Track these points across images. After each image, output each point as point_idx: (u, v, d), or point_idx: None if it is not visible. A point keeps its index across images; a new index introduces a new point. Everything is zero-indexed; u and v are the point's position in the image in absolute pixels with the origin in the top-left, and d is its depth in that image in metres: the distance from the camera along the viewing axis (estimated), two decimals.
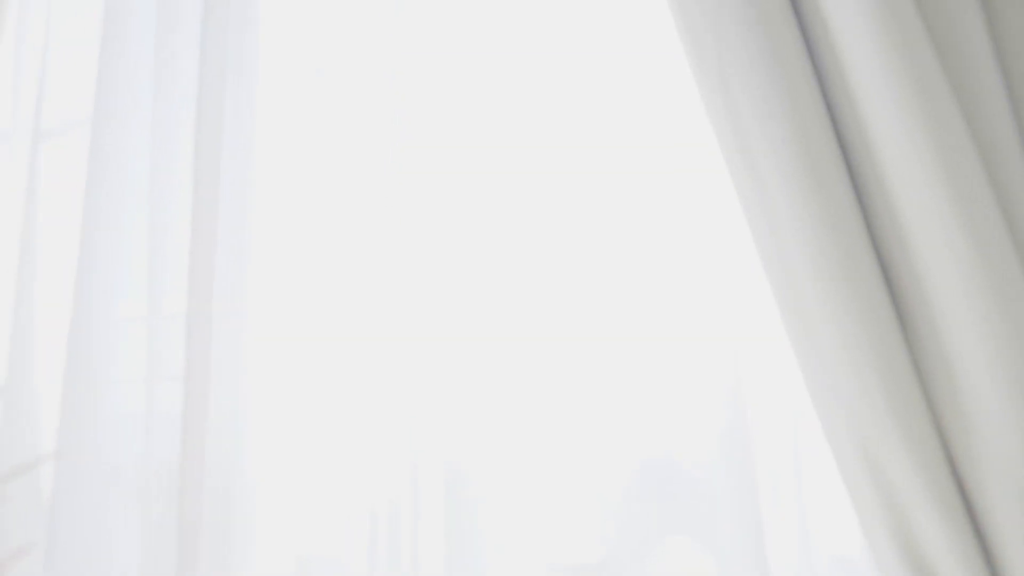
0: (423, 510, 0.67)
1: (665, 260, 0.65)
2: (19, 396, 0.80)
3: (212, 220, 0.77)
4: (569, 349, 0.67)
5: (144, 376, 0.76)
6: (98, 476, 0.75)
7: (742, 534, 0.61)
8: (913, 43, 0.46)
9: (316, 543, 0.69)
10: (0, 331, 0.84)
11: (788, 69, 0.50)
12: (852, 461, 0.51)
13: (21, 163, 0.91)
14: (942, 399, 0.46)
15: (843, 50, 0.49)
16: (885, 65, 0.46)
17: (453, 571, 0.66)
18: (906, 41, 0.46)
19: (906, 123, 0.47)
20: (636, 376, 0.66)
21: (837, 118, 0.53)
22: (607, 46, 0.69)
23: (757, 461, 0.64)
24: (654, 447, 0.67)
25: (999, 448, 0.43)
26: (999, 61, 0.49)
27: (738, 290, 0.62)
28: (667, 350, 0.65)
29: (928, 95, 0.47)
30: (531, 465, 0.67)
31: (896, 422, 0.48)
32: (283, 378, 0.72)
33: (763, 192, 0.53)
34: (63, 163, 0.90)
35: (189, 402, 0.71)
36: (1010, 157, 0.46)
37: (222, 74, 0.82)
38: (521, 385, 0.68)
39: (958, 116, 0.46)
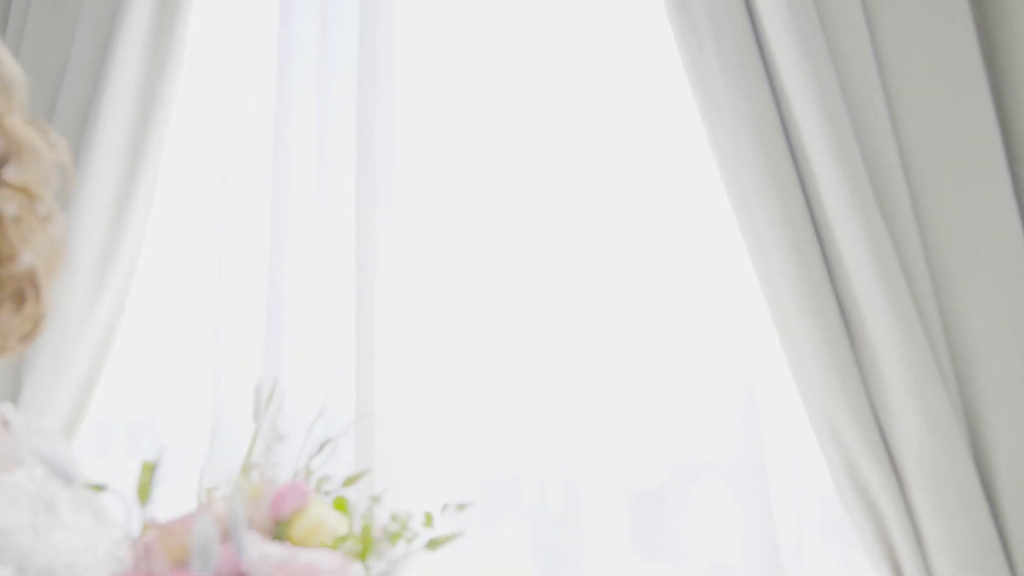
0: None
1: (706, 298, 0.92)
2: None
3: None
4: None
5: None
6: None
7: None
8: (859, 174, 0.73)
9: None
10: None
11: (783, 175, 0.77)
12: (823, 431, 0.78)
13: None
14: (874, 390, 0.73)
15: (815, 168, 0.76)
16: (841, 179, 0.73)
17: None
18: (854, 175, 0.73)
19: (849, 206, 0.73)
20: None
21: (808, 196, 0.80)
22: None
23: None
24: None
25: (906, 422, 0.70)
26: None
27: (753, 321, 0.88)
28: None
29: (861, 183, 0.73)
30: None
31: (849, 406, 0.74)
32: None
33: (762, 251, 0.80)
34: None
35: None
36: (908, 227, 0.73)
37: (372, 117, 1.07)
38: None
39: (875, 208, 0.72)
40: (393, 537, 0.38)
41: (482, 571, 0.96)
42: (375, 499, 0.44)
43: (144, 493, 0.43)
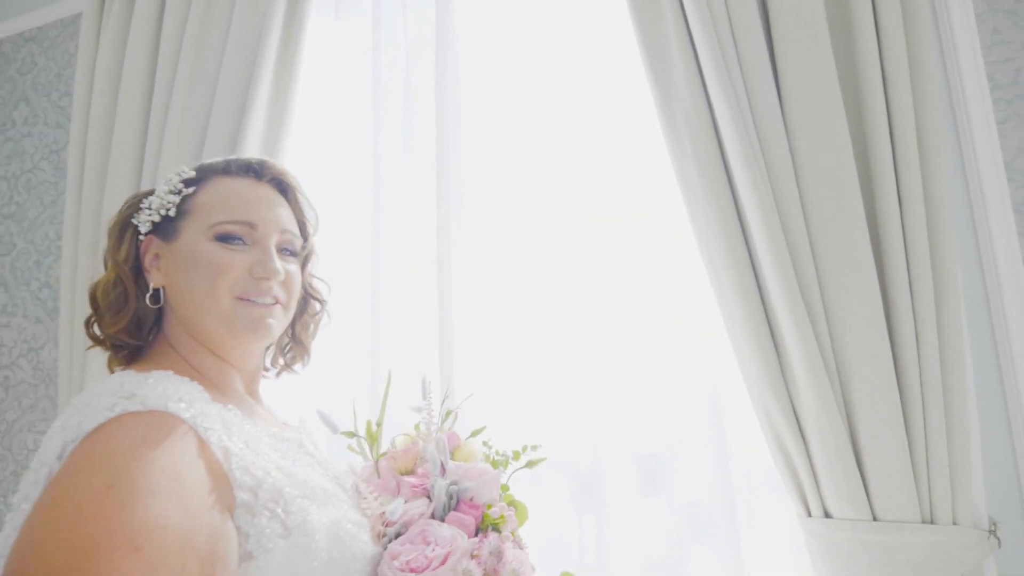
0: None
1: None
2: None
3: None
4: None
5: None
6: None
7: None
8: (777, 232, 1.10)
9: None
10: None
11: (733, 233, 1.14)
12: (760, 412, 1.16)
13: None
14: (788, 381, 1.10)
15: (751, 229, 1.13)
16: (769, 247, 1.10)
17: None
18: (775, 241, 1.10)
19: (771, 252, 1.10)
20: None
21: (750, 249, 1.16)
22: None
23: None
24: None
25: (807, 403, 1.07)
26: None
27: (716, 334, 1.26)
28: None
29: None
30: None
31: (773, 393, 1.12)
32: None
33: (719, 286, 1.17)
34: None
35: None
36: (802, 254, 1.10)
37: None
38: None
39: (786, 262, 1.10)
40: (504, 461, 0.79)
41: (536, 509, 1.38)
42: (486, 443, 0.85)
43: (373, 438, 0.84)
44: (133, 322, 0.82)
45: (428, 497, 0.73)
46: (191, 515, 0.61)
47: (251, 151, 1.52)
